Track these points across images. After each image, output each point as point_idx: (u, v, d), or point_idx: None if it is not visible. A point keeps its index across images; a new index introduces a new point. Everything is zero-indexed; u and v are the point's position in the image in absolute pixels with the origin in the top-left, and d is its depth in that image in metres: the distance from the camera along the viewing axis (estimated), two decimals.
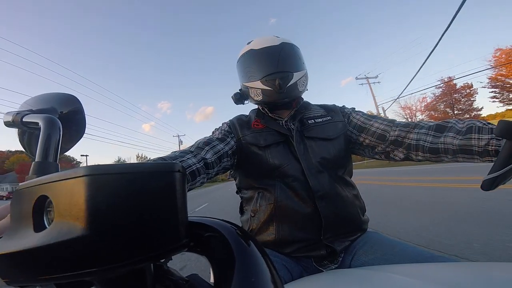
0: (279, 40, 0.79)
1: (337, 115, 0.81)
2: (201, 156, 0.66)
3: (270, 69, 0.75)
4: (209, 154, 0.68)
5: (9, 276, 0.16)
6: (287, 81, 0.73)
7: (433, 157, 0.63)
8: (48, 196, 0.15)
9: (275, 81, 0.72)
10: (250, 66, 0.80)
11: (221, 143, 0.73)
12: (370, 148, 0.75)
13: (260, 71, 0.76)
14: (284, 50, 0.78)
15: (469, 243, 2.16)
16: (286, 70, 0.75)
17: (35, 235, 0.15)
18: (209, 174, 0.68)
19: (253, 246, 0.18)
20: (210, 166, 0.67)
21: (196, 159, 0.65)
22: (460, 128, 0.58)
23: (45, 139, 0.27)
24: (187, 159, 0.63)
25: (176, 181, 0.17)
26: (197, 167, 0.63)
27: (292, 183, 0.69)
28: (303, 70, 0.79)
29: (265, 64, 0.76)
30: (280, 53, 0.77)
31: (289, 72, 0.75)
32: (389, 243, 0.66)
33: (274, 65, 0.75)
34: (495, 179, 0.45)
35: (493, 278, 0.37)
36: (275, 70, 0.75)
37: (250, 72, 0.79)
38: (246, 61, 0.81)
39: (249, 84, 0.79)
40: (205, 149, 0.69)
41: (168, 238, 0.16)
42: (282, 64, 0.76)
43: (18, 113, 0.32)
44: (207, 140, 0.73)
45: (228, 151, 0.73)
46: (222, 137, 0.75)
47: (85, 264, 0.14)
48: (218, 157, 0.69)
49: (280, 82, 0.72)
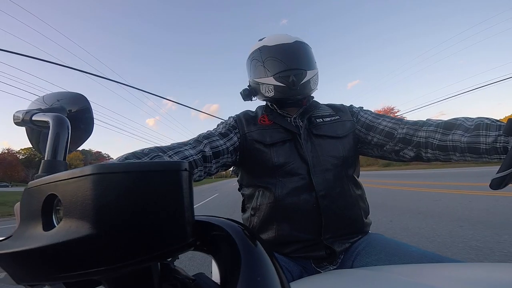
0: (293, 39, 0.78)
1: (346, 114, 0.81)
2: (200, 148, 0.66)
3: (284, 66, 0.75)
4: (207, 148, 0.68)
5: (19, 275, 0.16)
6: (301, 78, 0.73)
7: (442, 155, 0.61)
8: (57, 194, 0.15)
9: (289, 77, 0.72)
10: (263, 62, 0.78)
11: (221, 139, 0.72)
12: (379, 147, 0.74)
13: (273, 67, 0.76)
14: (298, 48, 0.77)
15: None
16: (300, 67, 0.75)
17: (44, 234, 0.15)
18: (207, 168, 0.68)
19: (259, 246, 0.18)
20: (208, 160, 0.67)
21: (194, 151, 0.65)
22: (468, 126, 0.57)
23: (54, 138, 0.28)
24: (184, 150, 0.63)
25: (183, 180, 0.17)
26: (194, 158, 0.63)
27: (294, 181, 0.69)
28: (315, 69, 0.78)
29: (279, 61, 0.76)
30: (294, 51, 0.77)
31: (303, 69, 0.74)
32: (392, 245, 0.64)
33: (288, 61, 0.75)
34: (504, 178, 0.44)
35: (496, 279, 0.37)
36: (289, 67, 0.74)
37: (262, 68, 0.78)
38: (259, 57, 0.80)
39: (260, 80, 0.78)
40: (204, 142, 0.68)
41: (175, 237, 0.16)
42: (296, 61, 0.76)
43: (28, 112, 0.32)
44: (207, 134, 0.73)
45: (229, 147, 0.72)
46: (225, 132, 0.75)
47: (93, 263, 0.14)
48: (215, 153, 0.69)
49: (294, 79, 0.72)
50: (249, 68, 0.85)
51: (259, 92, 0.80)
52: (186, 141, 0.70)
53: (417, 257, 0.57)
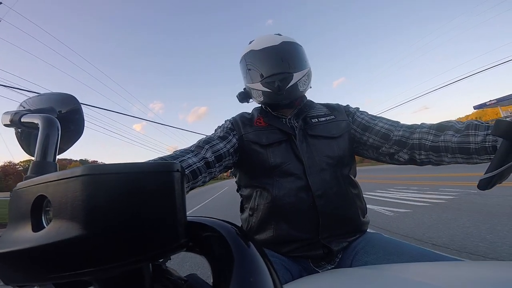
0: (280, 39, 0.77)
1: (341, 114, 0.81)
2: (202, 155, 0.66)
3: (269, 71, 0.74)
4: (208, 153, 0.68)
5: (7, 276, 0.16)
6: (287, 82, 0.73)
7: (435, 157, 0.63)
8: (47, 195, 0.15)
9: (274, 83, 0.72)
10: (251, 68, 0.79)
11: (221, 142, 0.73)
12: (374, 148, 0.75)
13: (261, 73, 0.76)
14: (285, 50, 0.77)
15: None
16: (286, 71, 0.74)
17: (33, 235, 0.15)
18: (211, 173, 0.68)
19: (252, 246, 0.18)
20: (211, 165, 0.67)
21: (197, 158, 0.65)
22: (459, 127, 0.59)
23: (43, 139, 0.27)
24: (187, 159, 0.63)
25: (175, 181, 0.17)
26: (198, 166, 0.63)
27: (291, 182, 0.69)
28: (304, 69, 0.77)
29: (264, 66, 0.76)
30: (280, 54, 0.76)
31: (288, 73, 0.74)
32: (390, 243, 0.65)
33: (273, 66, 0.75)
34: (492, 178, 0.45)
35: (494, 278, 0.37)
36: (274, 72, 0.74)
37: (250, 73, 0.79)
38: (247, 62, 0.80)
39: (251, 85, 0.79)
40: (205, 147, 0.69)
41: (167, 238, 0.16)
42: (281, 65, 0.75)
43: (17, 113, 0.32)
44: (207, 138, 0.73)
45: (230, 149, 0.73)
46: (223, 135, 0.75)
47: (83, 263, 0.14)
48: (217, 156, 0.69)
49: (279, 84, 0.72)
50: (242, 73, 0.86)
51: (252, 96, 0.82)
52: (187, 147, 0.70)
53: (416, 256, 0.57)
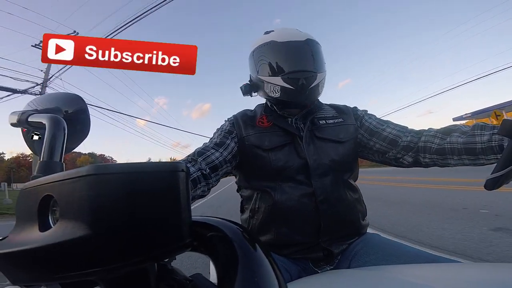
0: (304, 36, 0.72)
1: (349, 117, 0.77)
2: (198, 166, 0.65)
3: (294, 66, 0.69)
4: (203, 165, 0.66)
5: (15, 276, 0.16)
6: (311, 82, 0.68)
7: (440, 159, 0.62)
8: (53, 195, 0.15)
9: (299, 80, 0.67)
10: (271, 59, 0.72)
11: (217, 151, 0.69)
12: (381, 153, 0.73)
13: (282, 67, 0.70)
14: (310, 48, 0.72)
15: None
16: (311, 69, 0.70)
17: (40, 235, 0.15)
18: (209, 184, 0.66)
19: (256, 246, 0.18)
20: (207, 177, 0.66)
21: (194, 169, 0.64)
22: (465, 130, 0.58)
23: (50, 139, 0.28)
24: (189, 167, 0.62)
25: (180, 181, 0.17)
26: (197, 175, 0.62)
27: (294, 186, 0.68)
28: (324, 71, 0.73)
29: (289, 60, 0.70)
30: (306, 51, 0.71)
31: (314, 72, 0.69)
32: (389, 245, 0.65)
33: (299, 62, 0.70)
34: (498, 178, 0.45)
35: (493, 279, 0.37)
36: (300, 68, 0.69)
37: (269, 65, 0.72)
38: (266, 53, 0.73)
39: (266, 78, 0.72)
40: (198, 160, 0.66)
41: (171, 237, 0.16)
42: (307, 63, 0.70)
43: (24, 113, 0.32)
44: (201, 149, 0.70)
45: (227, 157, 0.70)
46: (220, 142, 0.72)
47: (89, 263, 0.14)
48: (212, 167, 0.67)
49: (304, 82, 0.67)
50: (254, 63, 0.78)
51: (262, 90, 0.75)
52: (184, 158, 0.69)
53: (414, 257, 0.57)
